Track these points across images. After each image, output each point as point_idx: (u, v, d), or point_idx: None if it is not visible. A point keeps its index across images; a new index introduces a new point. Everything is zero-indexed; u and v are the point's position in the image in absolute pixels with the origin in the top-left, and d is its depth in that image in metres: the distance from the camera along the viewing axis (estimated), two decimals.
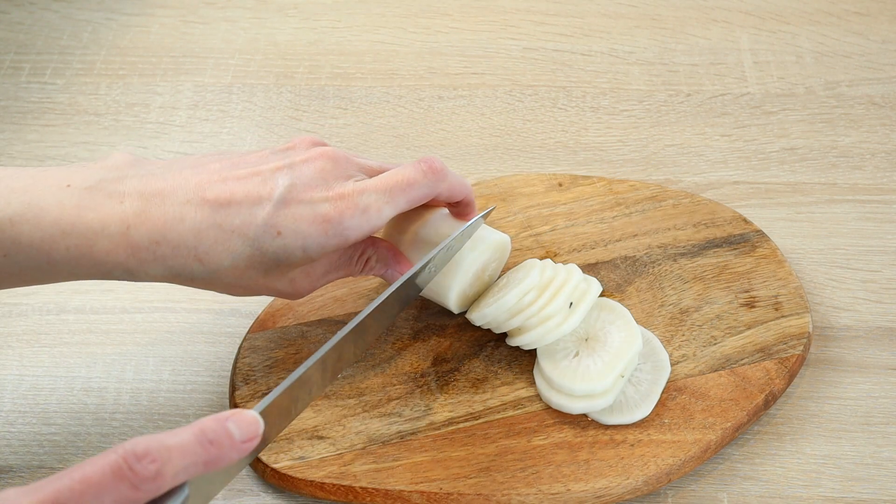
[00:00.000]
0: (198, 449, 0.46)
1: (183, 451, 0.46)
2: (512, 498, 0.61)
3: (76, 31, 0.92)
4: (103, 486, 0.43)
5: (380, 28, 0.92)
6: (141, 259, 0.56)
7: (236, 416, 0.48)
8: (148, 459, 0.44)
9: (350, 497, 0.62)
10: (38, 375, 0.69)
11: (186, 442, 0.46)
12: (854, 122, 0.84)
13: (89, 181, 0.57)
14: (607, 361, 0.64)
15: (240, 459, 0.49)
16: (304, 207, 0.58)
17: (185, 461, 0.46)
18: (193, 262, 0.57)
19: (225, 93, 0.87)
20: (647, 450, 0.63)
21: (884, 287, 0.73)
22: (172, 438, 0.46)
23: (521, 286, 0.64)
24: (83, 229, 0.55)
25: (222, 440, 0.47)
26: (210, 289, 0.60)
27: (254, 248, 0.58)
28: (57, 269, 0.56)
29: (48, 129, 0.84)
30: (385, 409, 0.65)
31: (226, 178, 0.58)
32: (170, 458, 0.45)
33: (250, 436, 0.48)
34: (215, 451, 0.47)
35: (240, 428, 0.48)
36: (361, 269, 0.64)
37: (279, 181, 0.58)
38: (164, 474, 0.45)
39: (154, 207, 0.57)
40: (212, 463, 0.47)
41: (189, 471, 0.46)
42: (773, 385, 0.65)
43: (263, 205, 0.58)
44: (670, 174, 0.81)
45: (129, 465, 0.44)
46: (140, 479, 0.44)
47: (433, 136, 0.84)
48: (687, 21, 0.93)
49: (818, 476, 0.64)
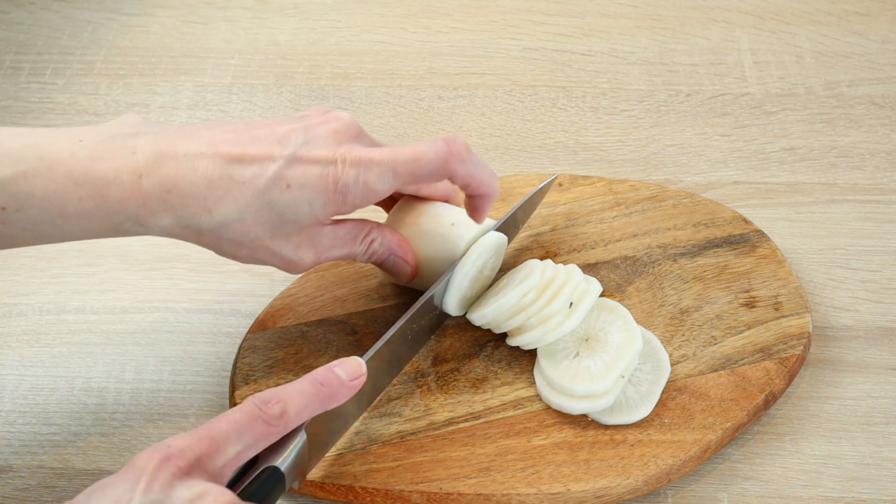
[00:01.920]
0: (312, 390, 0.55)
1: (301, 393, 0.55)
2: (512, 498, 0.61)
3: (76, 31, 0.92)
4: (244, 424, 0.52)
5: (380, 28, 0.93)
6: (152, 209, 0.57)
7: (343, 362, 0.57)
8: (274, 401, 0.54)
9: (350, 497, 0.62)
10: (38, 375, 0.69)
11: (302, 386, 0.55)
12: (854, 122, 0.84)
13: (102, 136, 0.58)
14: (607, 362, 0.64)
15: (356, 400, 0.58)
16: (314, 165, 0.59)
17: (303, 400, 0.55)
18: (202, 213, 0.58)
19: (225, 93, 0.87)
20: (647, 450, 0.63)
21: (884, 287, 0.73)
22: (291, 385, 0.55)
23: (521, 286, 0.64)
24: (95, 179, 0.56)
25: (332, 381, 0.56)
26: (214, 247, 0.61)
27: (262, 200, 0.59)
28: (69, 222, 0.57)
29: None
30: (385, 409, 0.65)
31: (240, 137, 0.60)
32: (290, 399, 0.54)
33: (355, 374, 0.57)
34: (327, 390, 0.56)
35: (345, 370, 0.57)
36: (365, 250, 0.65)
37: (293, 140, 0.60)
38: (287, 412, 0.54)
39: (166, 158, 0.57)
40: (326, 400, 0.56)
41: (308, 409, 0.55)
42: (773, 385, 0.65)
43: (275, 160, 0.59)
44: (670, 174, 0.81)
45: (259, 406, 0.53)
46: (270, 417, 0.53)
47: (433, 136, 0.84)
48: (687, 21, 0.93)
49: (818, 476, 0.64)
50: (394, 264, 0.66)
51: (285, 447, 0.54)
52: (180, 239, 0.60)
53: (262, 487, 0.53)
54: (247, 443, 0.52)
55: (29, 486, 0.63)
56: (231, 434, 0.52)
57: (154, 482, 0.49)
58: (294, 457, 0.55)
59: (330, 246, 0.63)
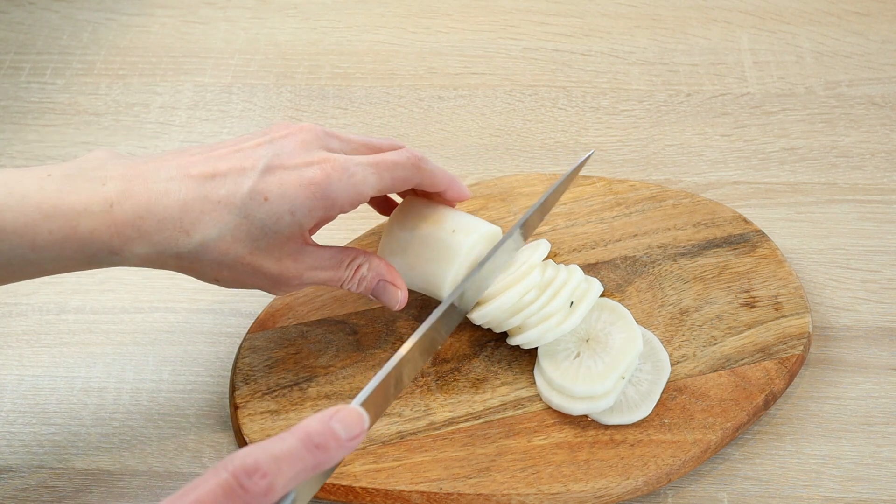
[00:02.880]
0: (305, 455, 0.46)
1: (291, 460, 0.45)
2: (512, 498, 0.61)
3: (76, 31, 0.92)
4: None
5: (380, 28, 0.92)
6: (126, 237, 0.56)
7: (341, 414, 0.48)
8: (259, 475, 0.44)
9: (350, 497, 0.62)
10: (38, 375, 0.69)
11: (294, 449, 0.46)
12: (854, 122, 0.84)
13: (69, 170, 0.57)
14: (608, 363, 0.64)
15: None
16: (290, 172, 0.58)
17: (294, 469, 0.45)
18: (180, 235, 0.57)
19: (225, 93, 0.87)
20: (647, 450, 0.63)
21: (884, 287, 0.73)
22: (279, 446, 0.45)
23: (521, 284, 0.64)
24: (66, 210, 0.55)
25: (329, 442, 0.47)
26: (195, 272, 0.59)
27: (241, 216, 0.57)
28: (42, 256, 0.56)
29: (48, 129, 0.84)
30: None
31: (208, 157, 0.59)
32: (279, 470, 0.45)
33: (356, 433, 0.48)
34: (322, 454, 0.47)
35: (345, 427, 0.48)
36: (351, 276, 0.63)
37: (262, 153, 0.59)
38: (275, 487, 0.44)
39: (137, 185, 0.56)
40: (319, 466, 0.47)
41: (298, 478, 0.46)
42: (773, 385, 0.65)
43: (248, 174, 0.58)
44: (670, 174, 0.81)
45: (240, 482, 0.44)
46: (252, 496, 0.44)
47: (433, 136, 0.84)
48: (687, 21, 0.93)
49: (818, 476, 0.64)
50: (384, 290, 0.64)
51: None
52: (157, 268, 0.58)
53: None
54: None
55: (29, 486, 0.63)
56: None
57: None
58: None
59: (313, 266, 0.61)
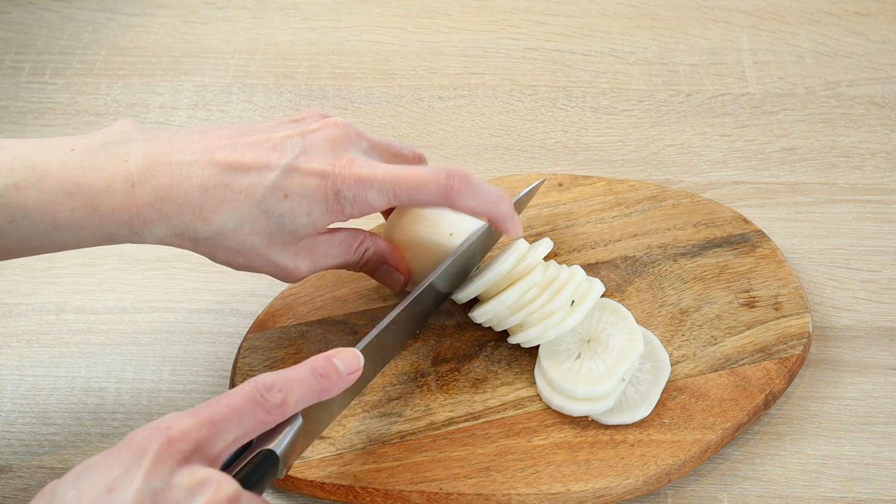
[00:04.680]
0: (312, 380, 0.54)
1: (301, 383, 0.54)
2: (512, 498, 0.61)
3: (76, 31, 0.92)
4: (245, 410, 0.51)
5: (380, 28, 0.92)
6: (145, 218, 0.57)
7: (341, 353, 0.56)
8: (275, 389, 0.52)
9: (350, 497, 0.62)
10: (38, 375, 0.69)
11: (303, 375, 0.54)
12: (854, 122, 0.84)
13: (93, 144, 0.57)
14: (609, 365, 0.64)
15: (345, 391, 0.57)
16: (312, 176, 0.59)
17: (303, 391, 0.53)
18: (198, 221, 0.58)
19: (225, 93, 0.87)
20: (647, 450, 0.63)
21: (884, 287, 0.73)
22: (291, 373, 0.54)
23: (523, 282, 0.64)
24: (87, 189, 0.56)
25: (330, 373, 0.55)
26: (211, 255, 0.60)
27: (260, 209, 0.58)
28: (62, 233, 0.57)
29: (48, 129, 0.84)
30: (385, 409, 0.65)
31: (235, 143, 0.59)
32: (291, 388, 0.53)
33: (353, 368, 0.56)
34: (326, 381, 0.55)
35: (344, 362, 0.56)
36: (360, 258, 0.65)
37: (289, 148, 0.59)
38: (288, 401, 0.53)
39: (160, 166, 0.57)
40: (324, 391, 0.55)
41: (307, 399, 0.54)
42: (773, 385, 0.65)
43: (273, 169, 0.59)
44: (670, 174, 0.81)
45: (261, 393, 0.52)
46: (271, 405, 0.52)
47: (433, 136, 0.84)
48: (687, 21, 0.93)
49: (818, 476, 0.64)
50: (386, 273, 0.66)
51: (280, 431, 0.54)
52: (175, 247, 0.60)
53: (257, 472, 0.52)
54: (245, 429, 0.51)
55: (29, 486, 0.63)
56: (231, 419, 0.50)
57: (157, 467, 0.47)
58: (289, 442, 0.54)
59: (326, 255, 0.63)
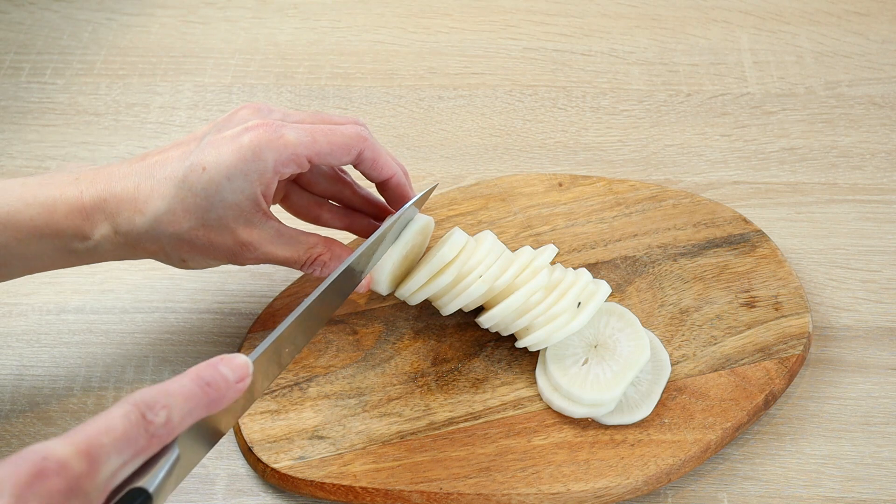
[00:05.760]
0: (197, 392, 0.49)
1: (185, 396, 0.48)
2: (512, 498, 0.61)
3: (76, 31, 0.92)
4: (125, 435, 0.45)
5: (380, 28, 0.92)
6: (94, 220, 0.61)
7: (226, 360, 0.51)
8: (158, 406, 0.47)
9: (350, 497, 0.62)
10: (38, 375, 0.69)
11: (187, 387, 0.48)
12: (854, 122, 0.84)
13: (44, 176, 0.63)
14: (616, 371, 0.64)
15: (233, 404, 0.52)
16: (225, 141, 0.61)
17: (188, 405, 0.48)
18: (136, 215, 0.61)
19: (225, 93, 0.87)
20: (647, 450, 0.63)
21: (884, 287, 0.73)
22: (174, 384, 0.48)
23: (528, 286, 0.64)
24: (43, 199, 0.61)
25: (218, 382, 0.50)
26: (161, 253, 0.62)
27: (184, 188, 0.60)
28: (26, 247, 0.61)
29: (48, 129, 0.84)
30: (385, 409, 0.65)
31: (166, 147, 0.63)
32: (175, 404, 0.47)
33: (242, 376, 0.51)
34: (213, 392, 0.49)
35: (232, 370, 0.50)
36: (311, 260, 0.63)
37: (206, 130, 0.63)
38: (172, 419, 0.47)
39: (101, 173, 0.62)
40: (213, 404, 0.49)
41: (194, 414, 0.48)
42: (773, 385, 0.65)
43: (191, 150, 0.62)
44: (670, 174, 0.81)
45: (142, 412, 0.46)
46: (154, 427, 0.46)
47: (433, 136, 0.84)
48: (687, 21, 0.93)
49: (818, 476, 0.64)
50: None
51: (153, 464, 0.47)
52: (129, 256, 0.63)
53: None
54: (125, 459, 0.45)
55: None
56: (111, 449, 0.44)
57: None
58: (163, 476, 0.47)
59: (272, 239, 0.62)
